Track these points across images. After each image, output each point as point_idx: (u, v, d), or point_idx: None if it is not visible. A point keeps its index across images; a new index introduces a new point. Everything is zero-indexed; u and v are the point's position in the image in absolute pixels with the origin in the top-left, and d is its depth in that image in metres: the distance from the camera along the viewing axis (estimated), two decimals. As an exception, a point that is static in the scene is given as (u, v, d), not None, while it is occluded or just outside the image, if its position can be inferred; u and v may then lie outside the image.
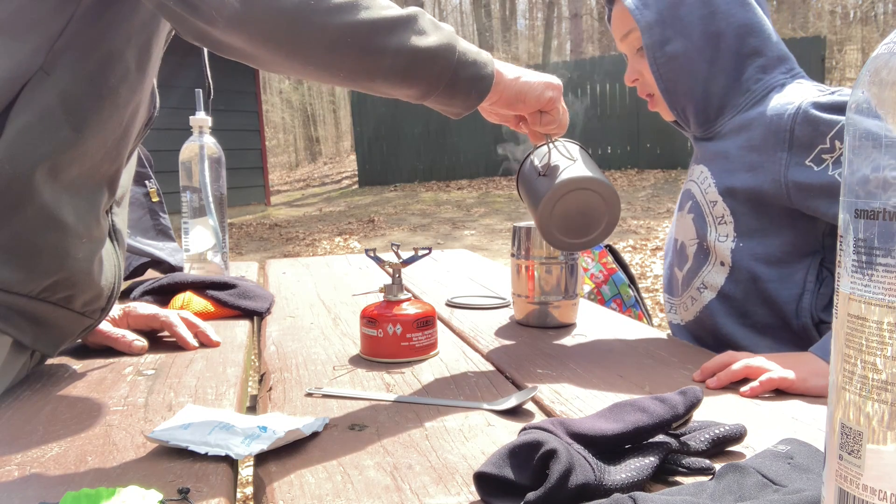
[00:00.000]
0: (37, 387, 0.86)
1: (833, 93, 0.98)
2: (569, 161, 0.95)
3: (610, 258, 2.11)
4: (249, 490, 1.79)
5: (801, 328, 1.03)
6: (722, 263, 1.08)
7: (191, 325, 1.05)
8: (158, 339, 1.06)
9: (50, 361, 0.97)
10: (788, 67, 1.07)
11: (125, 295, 1.34)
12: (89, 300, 0.87)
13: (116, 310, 1.05)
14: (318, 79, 0.79)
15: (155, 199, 1.55)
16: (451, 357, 0.97)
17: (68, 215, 0.80)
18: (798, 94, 1.00)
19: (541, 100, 0.90)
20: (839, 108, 0.95)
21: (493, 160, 11.77)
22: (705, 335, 1.13)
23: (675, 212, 1.21)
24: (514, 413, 0.75)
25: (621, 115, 10.64)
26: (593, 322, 1.16)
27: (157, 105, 0.98)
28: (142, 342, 1.00)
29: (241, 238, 7.64)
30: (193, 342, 1.03)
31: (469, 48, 0.83)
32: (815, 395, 0.79)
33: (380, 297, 0.99)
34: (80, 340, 1.03)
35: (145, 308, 1.05)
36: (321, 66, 0.76)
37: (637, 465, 0.57)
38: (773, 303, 1.04)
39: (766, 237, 1.03)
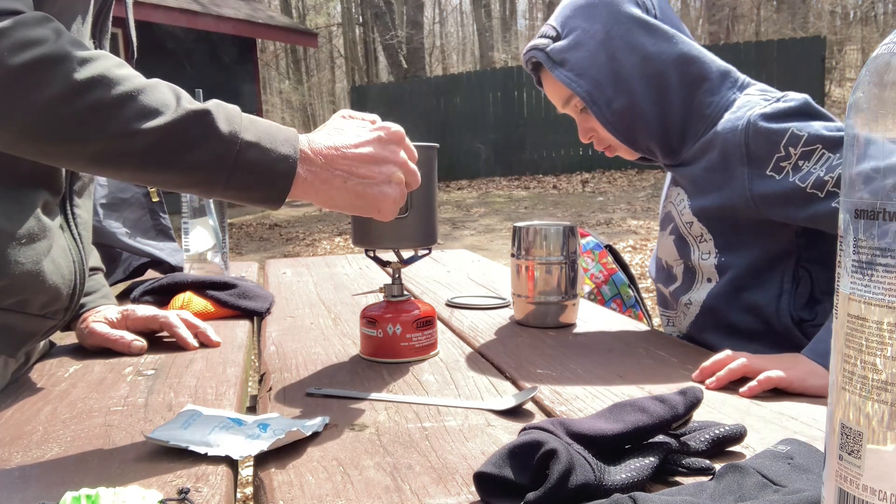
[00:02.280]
0: (37, 387, 0.86)
1: (778, 100, 0.99)
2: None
3: (610, 258, 2.11)
4: (249, 490, 1.79)
5: (784, 329, 1.03)
6: (709, 280, 1.09)
7: (191, 326, 1.05)
8: (158, 340, 1.06)
9: (49, 362, 0.97)
10: (732, 80, 1.07)
11: (125, 295, 1.34)
12: (47, 302, 0.85)
13: (115, 312, 1.04)
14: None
15: (155, 199, 1.55)
16: (451, 357, 0.97)
17: None
18: (746, 108, 1.00)
19: (383, 204, 0.76)
20: (785, 115, 0.96)
21: (493, 161, 11.77)
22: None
23: (658, 230, 1.22)
24: (514, 413, 0.75)
25: (621, 115, 10.61)
26: (593, 322, 1.16)
27: None
28: (141, 342, 1.00)
29: (241, 238, 7.64)
30: (194, 342, 1.03)
31: (253, 158, 0.69)
32: (814, 395, 0.79)
33: (380, 297, 0.99)
34: (77, 341, 1.03)
35: (144, 310, 1.05)
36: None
37: (637, 465, 0.57)
38: (754, 308, 1.05)
39: (745, 248, 1.04)
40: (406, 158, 0.78)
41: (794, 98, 0.98)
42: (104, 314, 1.03)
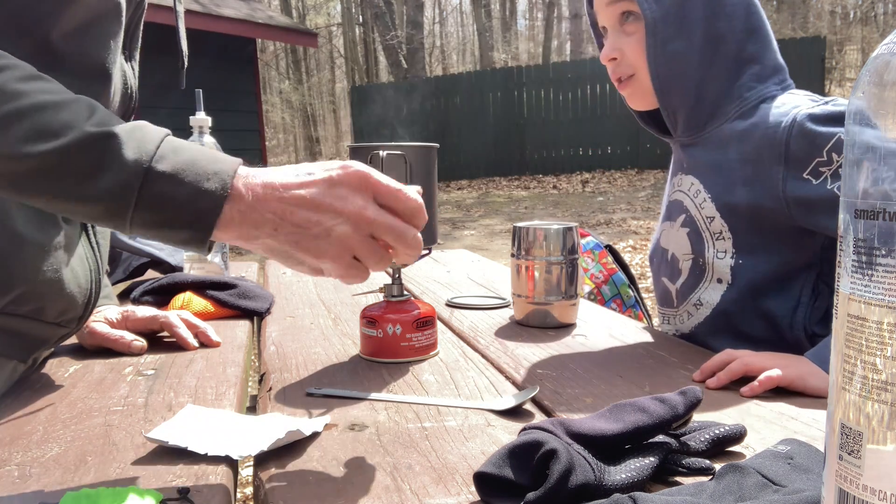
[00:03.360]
0: (37, 387, 0.86)
1: (827, 102, 0.95)
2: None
3: (610, 258, 2.11)
4: (249, 490, 1.79)
5: (795, 341, 1.01)
6: (719, 280, 1.05)
7: (191, 326, 1.05)
8: (158, 340, 1.06)
9: (49, 361, 0.97)
10: (781, 79, 1.04)
11: (125, 295, 1.34)
12: (62, 310, 0.85)
13: (115, 313, 1.04)
14: None
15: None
16: (451, 357, 0.97)
17: (18, 224, 0.76)
18: (792, 106, 0.97)
19: (323, 262, 0.63)
20: (835, 119, 0.92)
21: (493, 160, 11.77)
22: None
23: (662, 220, 1.17)
24: (514, 413, 0.75)
25: (621, 115, 10.64)
26: (593, 322, 1.16)
27: (135, 97, 0.91)
28: (141, 342, 1.00)
29: (241, 238, 7.63)
30: (194, 342, 1.03)
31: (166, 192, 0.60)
32: (814, 395, 0.79)
33: (380, 297, 0.99)
34: (77, 340, 1.03)
35: (144, 311, 1.05)
36: None
37: (637, 465, 0.57)
38: (769, 317, 1.02)
39: (766, 253, 1.01)
40: (363, 207, 0.62)
41: (844, 103, 0.94)
42: (104, 314, 1.03)
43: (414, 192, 0.64)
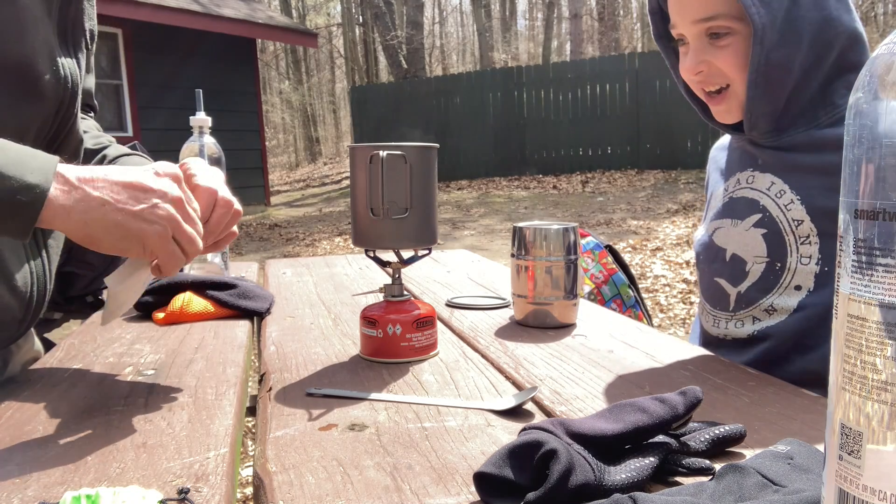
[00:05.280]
0: (37, 387, 0.86)
1: None
2: None
3: (610, 258, 2.11)
4: (249, 490, 1.79)
5: None
6: (797, 287, 0.98)
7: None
8: (158, 341, 1.06)
9: (49, 361, 0.97)
10: None
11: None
12: None
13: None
14: None
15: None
16: (451, 357, 0.97)
17: None
18: None
19: (147, 240, 0.69)
20: None
21: (493, 161, 11.78)
22: (751, 355, 1.03)
23: (716, 216, 1.10)
24: (514, 413, 0.75)
25: (621, 115, 10.65)
26: (593, 322, 1.16)
27: (71, 88, 0.87)
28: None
29: (241, 238, 7.64)
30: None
31: None
32: None
33: (380, 297, 0.99)
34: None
35: (222, 192, 0.83)
36: None
37: (637, 466, 0.57)
38: None
39: None
40: (182, 195, 0.70)
41: None
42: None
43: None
